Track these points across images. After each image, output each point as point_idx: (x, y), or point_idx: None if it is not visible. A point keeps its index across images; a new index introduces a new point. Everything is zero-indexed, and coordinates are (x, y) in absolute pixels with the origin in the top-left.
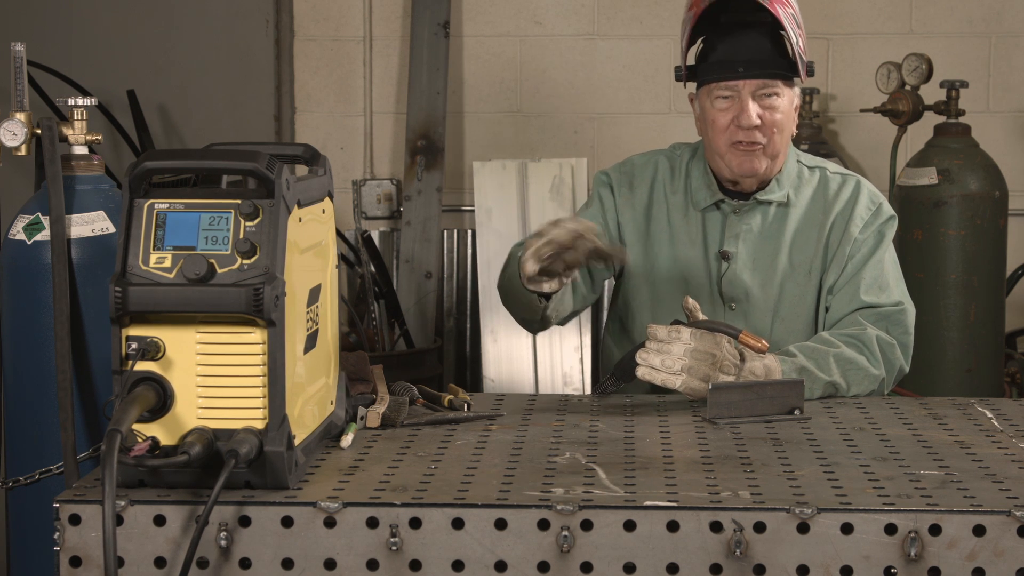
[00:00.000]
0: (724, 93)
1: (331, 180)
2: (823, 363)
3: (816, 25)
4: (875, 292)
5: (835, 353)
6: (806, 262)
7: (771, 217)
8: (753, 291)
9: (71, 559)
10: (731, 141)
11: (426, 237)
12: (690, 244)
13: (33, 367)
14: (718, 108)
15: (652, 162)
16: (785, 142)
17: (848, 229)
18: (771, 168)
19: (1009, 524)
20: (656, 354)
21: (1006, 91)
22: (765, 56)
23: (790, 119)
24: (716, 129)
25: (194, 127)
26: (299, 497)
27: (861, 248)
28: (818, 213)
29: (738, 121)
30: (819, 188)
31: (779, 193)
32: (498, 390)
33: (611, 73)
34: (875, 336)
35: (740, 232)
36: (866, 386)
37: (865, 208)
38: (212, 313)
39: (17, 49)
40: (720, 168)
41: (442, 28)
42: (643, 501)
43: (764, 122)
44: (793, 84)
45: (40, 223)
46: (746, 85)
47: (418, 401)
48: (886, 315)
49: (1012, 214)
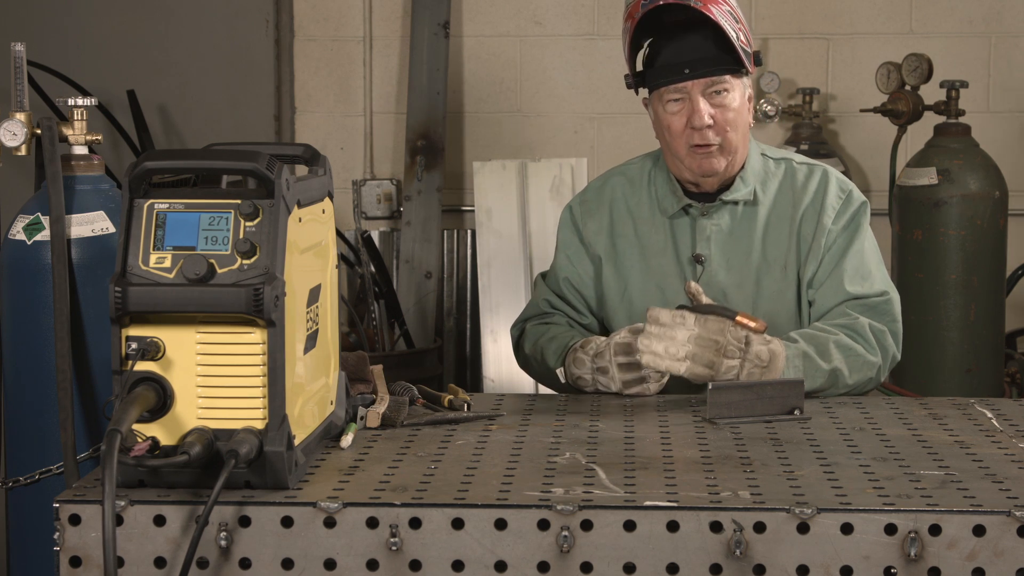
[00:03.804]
0: (674, 96)
1: (331, 180)
2: (824, 350)
3: (816, 25)
4: (859, 282)
5: (834, 340)
6: (780, 257)
7: (739, 215)
8: (730, 291)
9: (71, 559)
10: (689, 144)
11: (426, 237)
12: (660, 252)
13: (33, 367)
14: (671, 112)
15: (608, 184)
16: (741, 137)
17: (821, 220)
18: (731, 165)
19: (1009, 524)
20: (659, 340)
21: (1006, 91)
22: (710, 54)
23: (744, 113)
24: (673, 133)
25: (194, 127)
26: (299, 497)
27: (837, 239)
28: (787, 206)
29: (691, 122)
30: (786, 180)
31: (744, 191)
32: (498, 390)
33: (611, 73)
34: (867, 324)
35: (710, 234)
36: (864, 373)
37: (835, 197)
38: (212, 313)
39: (17, 49)
40: (680, 171)
41: (442, 28)
42: (643, 501)
43: (716, 121)
44: (742, 76)
45: (40, 223)
46: (695, 85)
47: (418, 401)
48: (873, 306)
49: (1012, 214)
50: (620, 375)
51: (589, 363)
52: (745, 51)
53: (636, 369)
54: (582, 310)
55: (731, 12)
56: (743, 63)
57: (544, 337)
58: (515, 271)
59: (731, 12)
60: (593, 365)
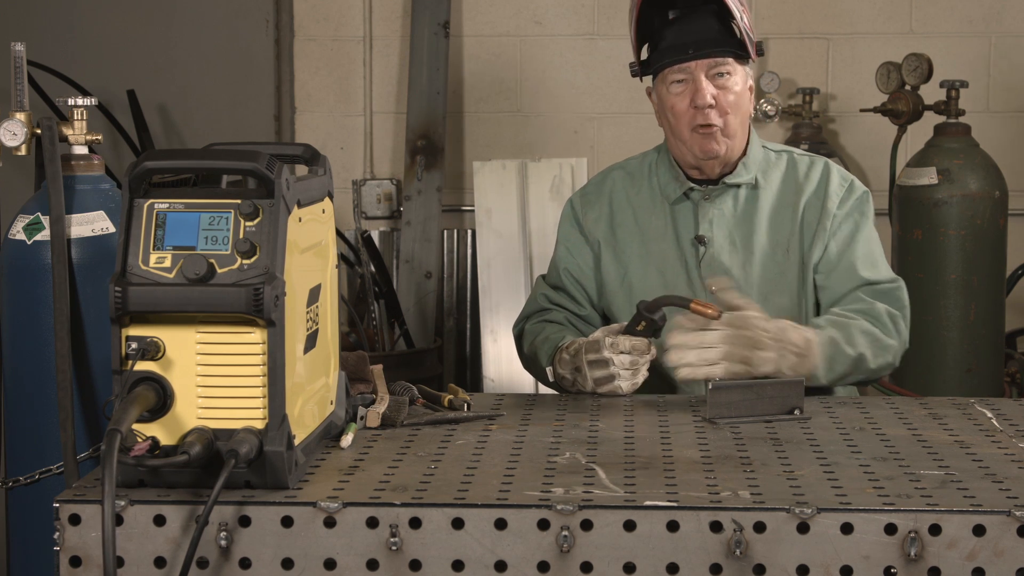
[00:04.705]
0: (678, 77)
1: (331, 180)
2: (848, 336)
3: (816, 25)
4: (870, 268)
5: (856, 325)
6: (783, 240)
7: (742, 200)
8: (734, 271)
9: (71, 559)
10: (692, 125)
11: (426, 237)
12: (660, 237)
13: (33, 367)
14: (674, 93)
15: (608, 178)
16: (741, 122)
17: (825, 206)
18: (731, 149)
19: (1009, 524)
20: (690, 350)
21: (1006, 91)
22: (714, 35)
23: (745, 100)
24: (677, 115)
25: (194, 127)
26: (299, 497)
27: (843, 224)
28: (790, 194)
29: (694, 101)
30: (788, 170)
31: (747, 176)
32: (498, 390)
33: (611, 73)
34: (884, 309)
35: (713, 217)
36: (885, 358)
37: (838, 185)
38: (212, 313)
39: (17, 49)
40: (683, 154)
41: (442, 28)
42: (643, 501)
43: (719, 102)
44: (745, 63)
45: (40, 223)
46: (698, 65)
47: (418, 401)
48: (885, 292)
49: (1012, 214)
50: (591, 373)
51: (569, 363)
52: (749, 36)
53: (604, 366)
54: (582, 301)
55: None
56: (746, 48)
57: (539, 337)
58: (515, 271)
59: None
60: (572, 365)
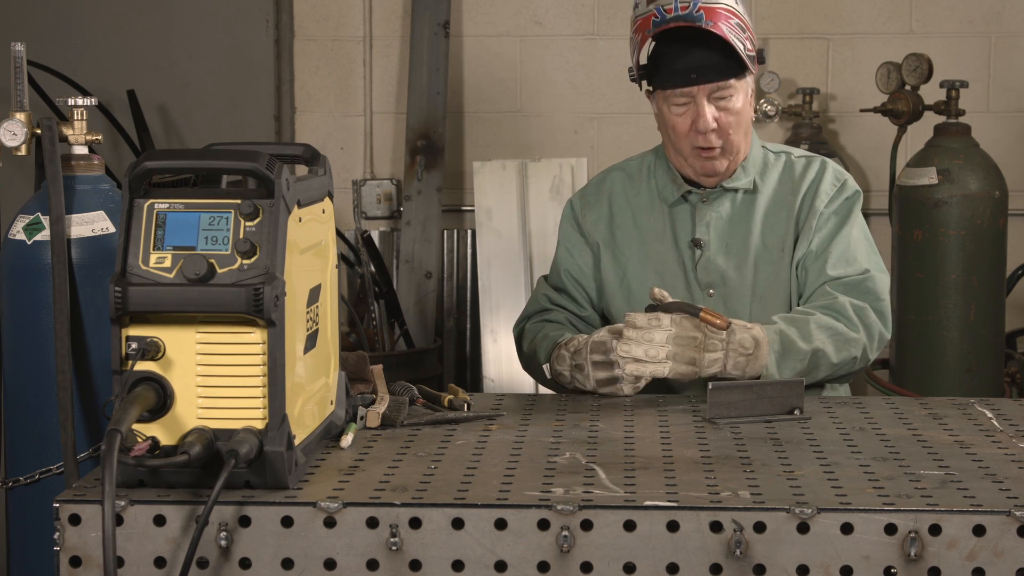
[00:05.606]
0: (680, 100)
1: (331, 180)
2: (805, 331)
3: (816, 25)
4: (842, 266)
5: (814, 320)
6: (778, 241)
7: (739, 202)
8: (728, 274)
9: (71, 559)
10: (692, 146)
11: (426, 237)
12: (659, 239)
13: (33, 367)
14: (676, 113)
15: (607, 179)
16: (744, 134)
17: (814, 204)
18: (733, 163)
19: (1009, 524)
20: (637, 344)
21: (1006, 91)
22: (716, 60)
23: (747, 111)
24: (677, 134)
25: (194, 127)
26: (299, 497)
27: (827, 223)
28: (787, 194)
29: (696, 126)
30: (785, 171)
31: (745, 180)
32: (498, 390)
33: (611, 73)
34: (848, 302)
35: (710, 220)
36: (848, 352)
37: (830, 184)
38: (212, 313)
39: (17, 49)
40: (682, 167)
41: (442, 28)
42: (643, 501)
43: (720, 124)
44: (746, 76)
45: (40, 223)
46: (701, 90)
47: (418, 401)
48: (853, 284)
49: (1012, 214)
50: (594, 373)
51: (568, 360)
52: (750, 56)
53: (609, 368)
54: (582, 302)
55: (739, 24)
56: (747, 67)
57: (539, 335)
58: (515, 271)
59: (739, 24)
60: (572, 362)
